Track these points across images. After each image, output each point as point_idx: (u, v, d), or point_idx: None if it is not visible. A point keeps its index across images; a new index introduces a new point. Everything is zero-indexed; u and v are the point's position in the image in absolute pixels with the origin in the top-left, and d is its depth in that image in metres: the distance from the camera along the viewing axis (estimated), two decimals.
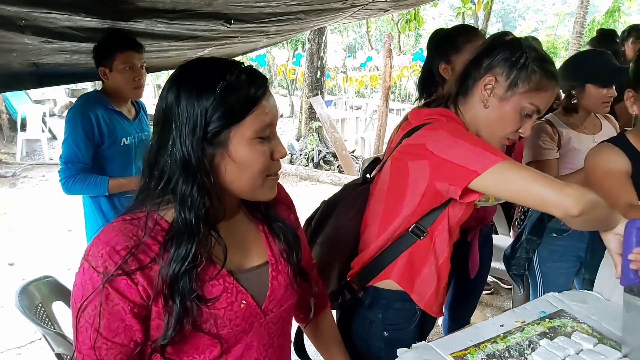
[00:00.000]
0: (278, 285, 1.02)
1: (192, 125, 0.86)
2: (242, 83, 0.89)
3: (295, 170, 8.08)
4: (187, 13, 1.99)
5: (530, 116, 1.29)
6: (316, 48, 8.82)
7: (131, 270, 0.84)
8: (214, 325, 0.91)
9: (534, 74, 1.26)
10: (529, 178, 1.13)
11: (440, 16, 23.42)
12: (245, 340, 0.97)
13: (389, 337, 1.42)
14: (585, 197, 1.08)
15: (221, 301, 0.91)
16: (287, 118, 15.75)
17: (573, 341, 1.20)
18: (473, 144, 1.19)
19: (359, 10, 2.67)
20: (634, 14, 18.58)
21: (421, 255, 1.36)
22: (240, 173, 0.91)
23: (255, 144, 0.90)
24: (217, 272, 0.92)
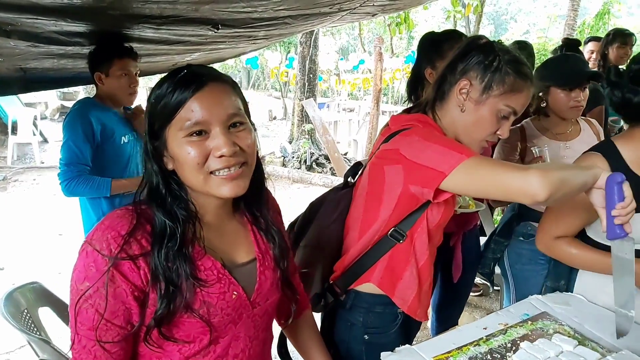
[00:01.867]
0: (265, 279, 1.08)
1: (149, 122, 0.98)
2: (173, 82, 0.95)
3: (287, 173, 8.08)
4: (174, 18, 2.00)
5: (507, 118, 1.31)
6: (308, 51, 8.83)
7: (135, 254, 0.90)
8: (207, 312, 0.96)
9: (507, 76, 1.28)
10: (493, 171, 1.14)
11: (432, 19, 23.50)
12: (233, 330, 1.03)
13: (370, 341, 1.43)
14: (548, 178, 1.06)
15: (214, 289, 0.97)
16: (280, 120, 15.75)
17: (553, 343, 1.21)
18: (441, 145, 1.21)
19: (347, 14, 2.68)
20: (624, 17, 18.74)
21: (401, 259, 1.37)
22: (180, 170, 0.98)
23: (185, 142, 0.94)
24: (204, 256, 0.98)
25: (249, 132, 0.99)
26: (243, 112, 1.00)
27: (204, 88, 0.94)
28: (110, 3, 1.72)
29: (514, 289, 2.20)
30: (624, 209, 1.11)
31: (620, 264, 1.19)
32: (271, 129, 14.24)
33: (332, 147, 8.06)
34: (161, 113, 0.95)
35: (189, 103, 0.93)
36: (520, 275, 2.15)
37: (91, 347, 0.90)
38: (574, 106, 2.00)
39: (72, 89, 11.54)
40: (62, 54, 2.27)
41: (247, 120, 1.00)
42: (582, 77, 1.97)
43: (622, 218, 1.13)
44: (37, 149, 8.37)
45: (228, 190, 0.97)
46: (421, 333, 2.79)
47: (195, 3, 1.84)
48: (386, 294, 1.39)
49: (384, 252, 1.37)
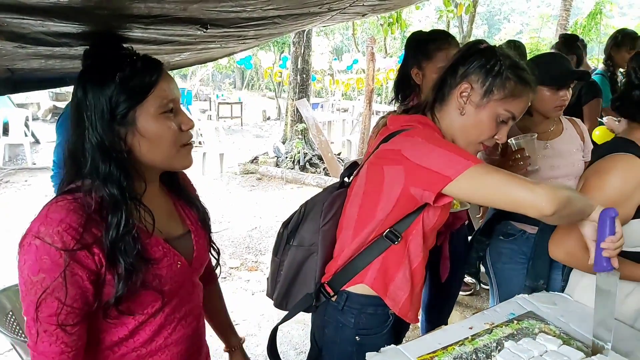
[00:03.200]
0: (200, 248, 1.22)
1: (101, 112, 1.01)
2: (138, 69, 1.04)
3: (281, 173, 8.08)
4: (162, 18, 1.97)
5: (505, 122, 1.32)
6: (301, 51, 8.82)
7: (89, 243, 0.97)
8: (159, 283, 1.08)
9: (508, 81, 1.29)
10: (501, 181, 1.16)
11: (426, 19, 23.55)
12: (179, 293, 1.16)
13: (361, 342, 1.42)
14: (557, 194, 1.10)
15: (163, 263, 1.09)
16: (274, 120, 15.75)
17: (538, 342, 1.21)
18: (447, 150, 1.22)
19: (337, 14, 2.67)
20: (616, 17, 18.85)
21: (395, 260, 1.37)
22: (153, 146, 1.05)
23: (162, 118, 1.05)
24: (150, 237, 1.07)
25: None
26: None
27: (165, 73, 1.07)
28: (97, 2, 1.71)
29: (497, 287, 2.21)
30: (614, 243, 1.14)
31: (603, 296, 1.21)
32: (265, 129, 14.24)
33: (326, 148, 8.06)
34: (130, 96, 1.01)
35: (160, 83, 1.05)
36: (502, 274, 2.17)
37: (53, 331, 0.97)
38: (559, 105, 2.01)
39: (64, 90, 11.46)
40: (49, 55, 2.25)
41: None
42: (570, 76, 1.99)
43: (610, 252, 1.16)
44: (29, 150, 8.32)
45: (190, 161, 1.13)
46: (412, 333, 2.80)
47: (183, 2, 1.83)
48: (379, 295, 1.39)
49: (378, 253, 1.37)
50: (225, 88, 21.36)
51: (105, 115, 1.01)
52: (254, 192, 7.41)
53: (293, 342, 3.02)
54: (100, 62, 1.09)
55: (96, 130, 1.01)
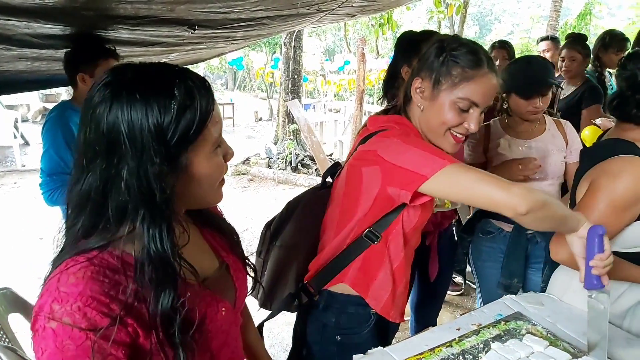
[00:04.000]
0: (242, 283, 1.05)
1: (150, 151, 0.77)
2: (193, 96, 0.81)
3: (272, 174, 8.06)
4: (149, 19, 1.97)
5: (466, 110, 1.28)
6: (292, 52, 8.81)
7: (121, 317, 0.76)
8: (205, 341, 0.90)
9: (454, 68, 1.27)
10: (477, 179, 1.15)
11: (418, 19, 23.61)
12: (226, 341, 0.99)
13: (342, 342, 1.42)
14: (532, 196, 1.11)
15: (206, 318, 0.89)
16: (266, 121, 15.72)
17: (524, 344, 1.21)
18: (422, 149, 1.21)
19: (326, 15, 2.67)
20: (606, 17, 19.00)
21: (375, 260, 1.37)
22: (198, 189, 0.87)
23: (213, 157, 0.86)
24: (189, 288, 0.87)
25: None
26: None
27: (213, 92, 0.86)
28: (83, 3, 1.70)
29: (479, 285, 2.23)
30: (602, 261, 1.14)
31: (595, 314, 1.21)
32: (257, 130, 14.21)
33: (318, 148, 8.06)
34: (185, 132, 0.80)
35: (214, 113, 0.84)
36: (482, 272, 2.18)
37: None
38: (532, 111, 2.02)
39: (53, 91, 11.41)
40: (35, 57, 2.24)
41: None
42: (539, 86, 1.98)
43: (599, 270, 1.16)
44: (18, 152, 8.24)
45: (222, 194, 0.96)
46: (402, 334, 2.80)
47: (170, 3, 1.82)
48: (360, 295, 1.39)
49: (358, 252, 1.37)
50: (217, 89, 21.30)
51: (155, 154, 0.77)
52: (245, 193, 7.39)
53: (284, 344, 3.01)
54: (139, 75, 0.81)
55: (141, 170, 0.77)
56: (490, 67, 1.28)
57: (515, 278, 1.99)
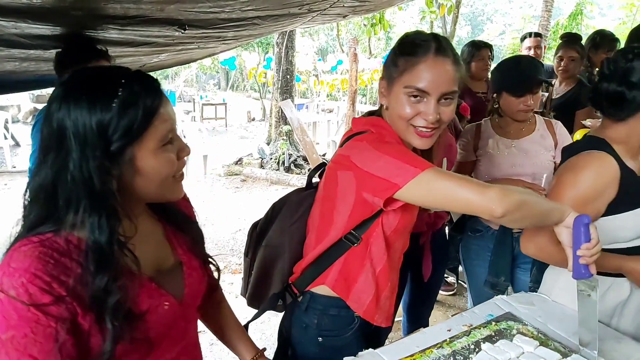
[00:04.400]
0: (193, 282, 1.08)
1: (91, 147, 0.84)
2: (137, 95, 0.87)
3: (265, 175, 8.05)
4: (139, 19, 1.96)
5: (417, 97, 1.23)
6: (285, 52, 8.80)
7: (61, 295, 0.83)
8: (143, 330, 0.94)
9: (398, 60, 1.26)
10: (451, 185, 1.13)
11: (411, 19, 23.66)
12: (170, 333, 1.03)
13: (323, 343, 1.41)
14: (508, 197, 1.09)
15: (146, 308, 0.94)
16: (259, 122, 15.69)
17: (515, 344, 1.22)
18: (394, 157, 1.18)
19: (317, 15, 2.66)
20: (596, 17, 19.13)
21: (356, 263, 1.36)
22: (148, 182, 0.92)
23: (161, 152, 0.91)
24: (135, 279, 0.93)
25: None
26: None
27: (163, 92, 0.93)
28: (72, 3, 1.68)
29: (469, 284, 2.23)
30: (589, 250, 1.14)
31: (584, 303, 1.21)
32: (250, 130, 14.18)
33: (311, 149, 8.05)
34: (128, 129, 0.86)
35: (161, 110, 0.90)
36: (471, 271, 2.20)
37: None
38: (523, 110, 2.04)
39: (44, 91, 11.32)
40: (24, 57, 2.21)
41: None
42: (530, 83, 2.01)
43: (587, 259, 1.15)
44: (9, 153, 8.18)
45: (182, 190, 1.01)
46: (394, 334, 2.79)
47: (160, 3, 1.81)
48: (340, 297, 1.38)
49: (339, 254, 1.36)
50: (210, 89, 21.25)
51: (97, 151, 0.84)
52: (238, 193, 7.37)
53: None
54: (88, 77, 0.90)
55: (84, 167, 0.84)
56: (440, 51, 1.22)
57: (502, 276, 2.00)
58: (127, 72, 0.91)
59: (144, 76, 0.91)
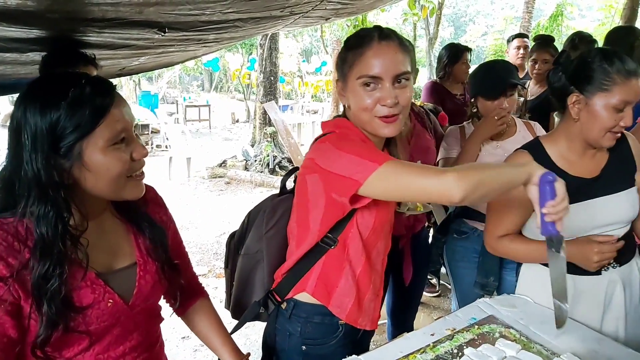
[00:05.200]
0: (145, 284, 1.10)
1: (40, 143, 0.91)
2: (87, 95, 0.93)
3: (250, 177, 8.01)
4: (117, 22, 1.93)
5: (371, 84, 1.24)
6: (268, 53, 8.78)
7: (4, 275, 0.89)
8: (83, 323, 0.98)
9: (345, 55, 1.29)
10: (410, 174, 1.13)
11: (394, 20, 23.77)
12: (112, 332, 1.05)
13: (307, 352, 1.39)
14: (465, 180, 1.07)
15: (88, 300, 0.98)
16: (244, 123, 15.64)
17: (497, 348, 1.21)
18: (353, 154, 1.18)
19: (300, 18, 2.65)
20: (576, 18, 19.42)
21: (335, 266, 1.35)
22: (99, 179, 0.97)
23: (110, 151, 0.96)
24: (83, 275, 0.98)
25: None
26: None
27: (116, 95, 0.98)
28: (48, 6, 1.65)
29: (454, 286, 2.24)
30: (554, 207, 1.14)
31: (554, 260, 1.23)
32: (234, 132, 14.12)
33: (296, 150, 8.03)
34: (76, 127, 0.92)
35: (112, 111, 0.95)
36: (457, 273, 2.20)
37: None
38: (500, 113, 2.05)
39: None
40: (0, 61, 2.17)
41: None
42: (503, 86, 2.03)
43: (552, 216, 1.15)
44: None
45: (140, 190, 1.05)
46: (379, 337, 2.80)
47: (138, 5, 1.78)
48: (322, 303, 1.36)
49: (317, 258, 1.35)
50: (193, 90, 21.14)
51: (45, 146, 0.91)
52: (222, 196, 7.33)
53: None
54: (44, 81, 0.99)
55: (34, 161, 0.91)
56: (384, 37, 1.24)
57: (491, 277, 2.01)
58: (82, 76, 0.97)
59: (98, 80, 0.98)
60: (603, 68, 1.39)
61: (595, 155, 1.53)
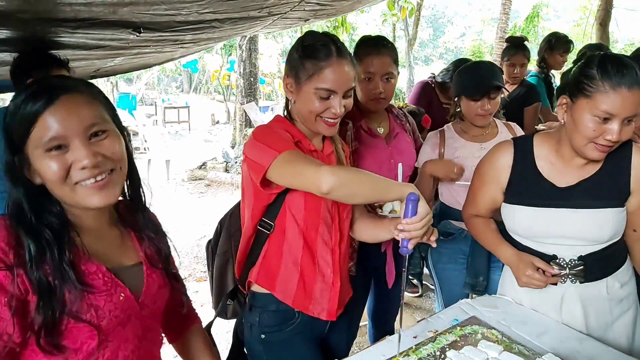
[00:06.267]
0: (153, 282, 1.11)
1: (6, 145, 0.95)
2: (20, 102, 0.93)
3: (230, 179, 7.95)
4: (90, 22, 1.88)
5: (327, 98, 1.36)
6: (248, 54, 8.73)
7: (13, 263, 0.89)
8: (95, 315, 0.96)
9: (306, 62, 1.37)
10: (298, 164, 1.25)
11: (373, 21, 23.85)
12: (121, 333, 1.03)
13: (267, 340, 1.44)
14: (336, 176, 1.17)
15: (101, 292, 0.98)
16: (224, 124, 15.52)
17: (479, 350, 1.21)
18: (263, 143, 1.31)
19: (278, 19, 2.63)
20: (552, 19, 19.75)
21: (275, 252, 1.42)
22: (47, 184, 0.96)
23: (45, 158, 0.93)
24: (96, 267, 0.99)
25: (114, 138, 1.00)
26: (105, 120, 0.99)
27: (56, 102, 0.93)
28: (19, 5, 1.60)
29: (439, 288, 2.23)
30: (409, 224, 1.19)
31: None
32: (214, 134, 14.00)
33: None
34: (19, 128, 0.93)
35: (42, 118, 0.92)
36: (443, 275, 2.20)
37: None
38: (480, 114, 2.06)
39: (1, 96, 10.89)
40: None
41: (111, 127, 1.00)
42: (487, 88, 2.03)
43: (405, 233, 1.21)
44: None
45: (98, 199, 0.98)
46: (361, 339, 2.78)
47: (112, 5, 1.74)
48: (268, 290, 1.43)
49: (260, 245, 1.44)
50: (172, 92, 20.92)
51: (10, 141, 0.94)
52: (202, 199, 7.26)
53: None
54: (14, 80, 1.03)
55: (6, 159, 0.95)
56: (340, 55, 1.36)
57: (481, 276, 2.01)
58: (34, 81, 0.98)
59: (41, 85, 0.96)
60: (591, 73, 1.30)
61: (583, 166, 1.45)
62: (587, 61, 1.35)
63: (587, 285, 1.47)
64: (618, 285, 1.49)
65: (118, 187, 1.02)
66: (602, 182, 1.43)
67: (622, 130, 1.30)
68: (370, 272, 2.09)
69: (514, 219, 1.54)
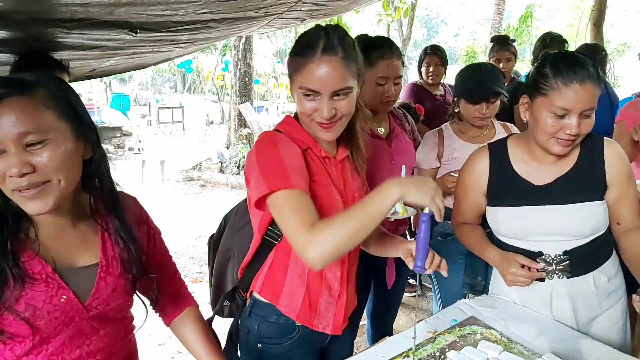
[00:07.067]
0: (105, 286, 1.08)
1: None
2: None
3: (225, 179, 7.93)
4: (86, 22, 1.87)
5: (310, 95, 1.25)
6: (242, 54, 8.71)
7: None
8: (32, 314, 0.97)
9: (291, 58, 1.30)
10: (287, 211, 1.15)
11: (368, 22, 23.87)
12: (65, 332, 1.04)
13: (262, 350, 1.40)
14: (325, 246, 1.08)
15: (41, 293, 0.98)
16: (218, 125, 15.49)
17: (479, 350, 1.21)
18: (260, 171, 1.21)
19: (275, 19, 2.63)
20: (545, 19, 19.84)
21: (281, 264, 1.36)
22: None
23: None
24: (41, 267, 0.99)
25: (51, 148, 0.95)
26: (47, 129, 0.95)
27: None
28: (14, 6, 1.59)
29: (438, 289, 2.23)
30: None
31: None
32: (208, 134, 13.97)
33: None
34: None
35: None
36: (442, 276, 2.19)
37: None
38: (478, 117, 2.07)
39: None
40: None
41: (48, 136, 0.95)
42: (486, 92, 2.04)
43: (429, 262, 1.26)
44: None
45: (31, 208, 0.96)
46: (359, 339, 2.78)
47: (109, 5, 1.73)
48: (270, 302, 1.37)
49: (266, 254, 1.37)
50: (166, 92, 20.85)
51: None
52: (197, 199, 7.24)
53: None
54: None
55: None
56: (327, 51, 1.22)
57: (479, 276, 2.02)
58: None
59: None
60: (545, 72, 1.38)
61: (556, 162, 1.50)
62: (542, 61, 1.43)
63: (575, 280, 1.50)
64: (605, 278, 1.52)
65: (53, 197, 0.97)
66: (578, 178, 1.49)
67: (581, 123, 1.36)
68: (371, 273, 2.09)
69: (498, 221, 1.57)
